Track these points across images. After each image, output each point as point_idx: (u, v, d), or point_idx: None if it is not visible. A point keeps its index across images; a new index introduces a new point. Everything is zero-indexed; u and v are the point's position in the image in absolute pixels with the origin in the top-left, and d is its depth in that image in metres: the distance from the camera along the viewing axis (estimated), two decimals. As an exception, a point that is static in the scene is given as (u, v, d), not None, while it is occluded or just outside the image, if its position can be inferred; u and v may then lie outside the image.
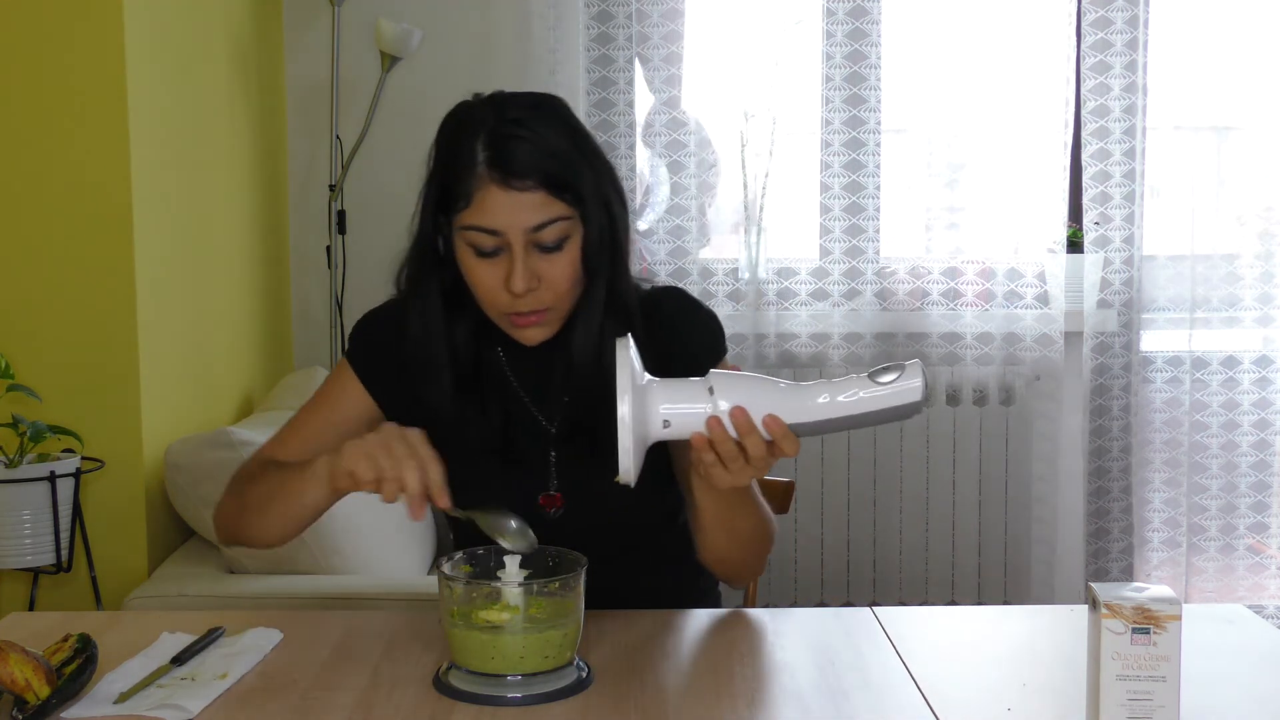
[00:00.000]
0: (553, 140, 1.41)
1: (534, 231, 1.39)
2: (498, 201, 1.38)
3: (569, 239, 1.42)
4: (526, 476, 1.54)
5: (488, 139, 1.39)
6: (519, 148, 1.38)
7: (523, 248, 1.39)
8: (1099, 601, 1.14)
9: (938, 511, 3.20)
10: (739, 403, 1.24)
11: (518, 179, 1.38)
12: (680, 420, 1.25)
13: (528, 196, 1.38)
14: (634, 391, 1.22)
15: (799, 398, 1.26)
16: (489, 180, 1.38)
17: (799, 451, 1.26)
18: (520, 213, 1.38)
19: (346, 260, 3.16)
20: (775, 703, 1.26)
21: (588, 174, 1.43)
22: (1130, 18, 3.09)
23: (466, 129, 1.42)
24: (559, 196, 1.39)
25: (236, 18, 2.83)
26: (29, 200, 2.19)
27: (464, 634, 1.25)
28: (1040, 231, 3.15)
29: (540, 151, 1.39)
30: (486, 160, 1.38)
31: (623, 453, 1.22)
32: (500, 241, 1.40)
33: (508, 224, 1.39)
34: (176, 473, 2.23)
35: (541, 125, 1.41)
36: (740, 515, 1.45)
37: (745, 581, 1.60)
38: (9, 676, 1.17)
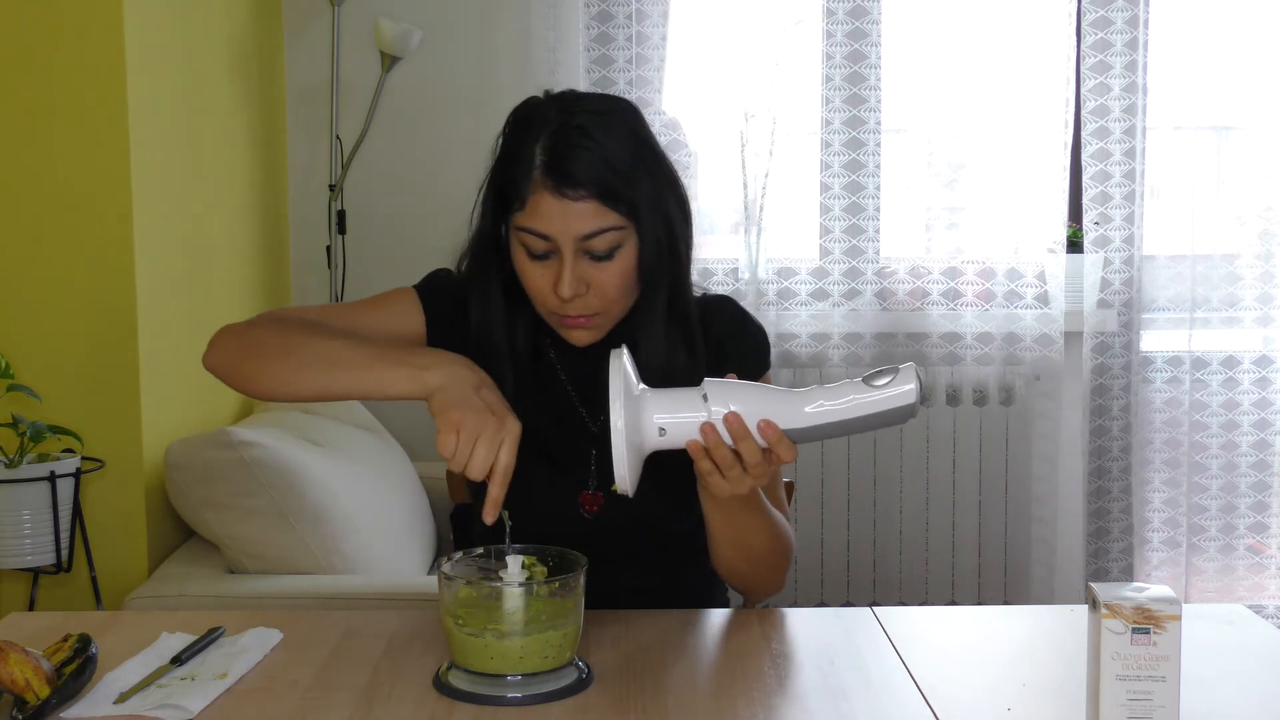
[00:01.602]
0: (612, 149, 1.40)
1: (584, 240, 1.39)
2: (550, 208, 1.38)
3: (621, 248, 1.42)
4: (567, 474, 1.56)
5: (547, 143, 1.39)
6: (576, 156, 1.38)
7: (573, 254, 1.40)
8: (1099, 601, 1.14)
9: (938, 511, 3.20)
10: (733, 409, 1.24)
11: (571, 188, 1.37)
12: (675, 428, 1.25)
13: (580, 205, 1.38)
14: (626, 400, 1.23)
15: (793, 403, 1.26)
16: (543, 186, 1.38)
17: (796, 457, 1.26)
18: (572, 221, 1.38)
19: (346, 260, 3.16)
20: (775, 703, 1.26)
21: (646, 186, 1.42)
22: (1130, 18, 3.09)
23: (529, 130, 1.41)
24: (613, 207, 1.39)
25: (236, 18, 2.83)
26: (29, 200, 2.19)
27: (464, 634, 1.25)
28: (1040, 231, 3.15)
29: (597, 161, 1.38)
30: (543, 165, 1.38)
31: (617, 461, 1.22)
32: (551, 246, 1.40)
33: (559, 230, 1.39)
34: (176, 473, 2.23)
35: (603, 133, 1.40)
36: (748, 529, 1.45)
37: (761, 595, 1.60)
38: (9, 676, 1.17)
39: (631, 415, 1.23)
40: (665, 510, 1.55)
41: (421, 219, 3.19)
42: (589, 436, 1.57)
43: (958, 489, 3.20)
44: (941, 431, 3.19)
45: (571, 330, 1.47)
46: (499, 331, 1.51)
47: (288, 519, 2.21)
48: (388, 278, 3.16)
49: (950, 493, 3.20)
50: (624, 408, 1.22)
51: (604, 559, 1.36)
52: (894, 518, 3.19)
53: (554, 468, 1.55)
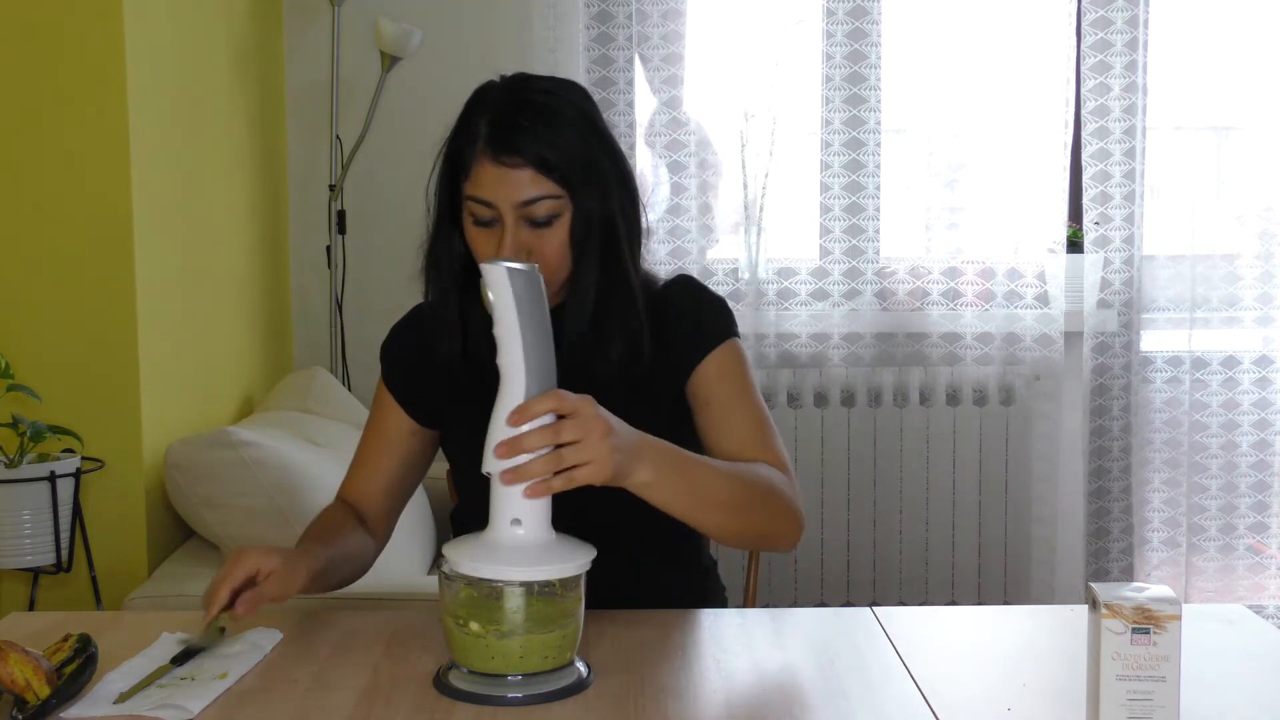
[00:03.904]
0: (552, 121, 1.47)
1: (523, 206, 1.46)
2: (492, 175, 1.46)
3: (560, 217, 1.48)
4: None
5: (491, 116, 1.48)
6: (516, 127, 1.46)
7: (514, 220, 1.47)
8: (1099, 601, 1.14)
9: (938, 511, 3.20)
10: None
11: (509, 155, 1.46)
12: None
13: (518, 173, 1.46)
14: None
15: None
16: (485, 155, 1.47)
17: (570, 405, 1.24)
18: (510, 187, 1.46)
19: (346, 260, 3.16)
20: (775, 703, 1.26)
21: (581, 158, 1.48)
22: (1130, 18, 3.09)
23: (478, 105, 1.51)
24: (548, 175, 1.46)
25: (236, 18, 2.83)
26: (29, 200, 2.19)
27: (464, 634, 1.25)
28: (1040, 231, 3.15)
29: (534, 132, 1.46)
30: (485, 136, 1.47)
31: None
32: (494, 213, 1.47)
33: (500, 197, 1.46)
34: (176, 473, 2.23)
35: (544, 108, 1.48)
36: (697, 491, 1.39)
37: (785, 543, 1.53)
38: (9, 676, 1.17)
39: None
40: (631, 495, 1.49)
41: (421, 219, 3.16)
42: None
43: (958, 489, 3.20)
44: (941, 431, 3.19)
45: None
46: (451, 297, 1.57)
47: (288, 519, 2.21)
48: (388, 278, 3.18)
49: (950, 493, 3.20)
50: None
51: (618, 549, 1.36)
52: (894, 518, 3.19)
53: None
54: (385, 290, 3.19)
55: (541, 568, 1.24)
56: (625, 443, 1.29)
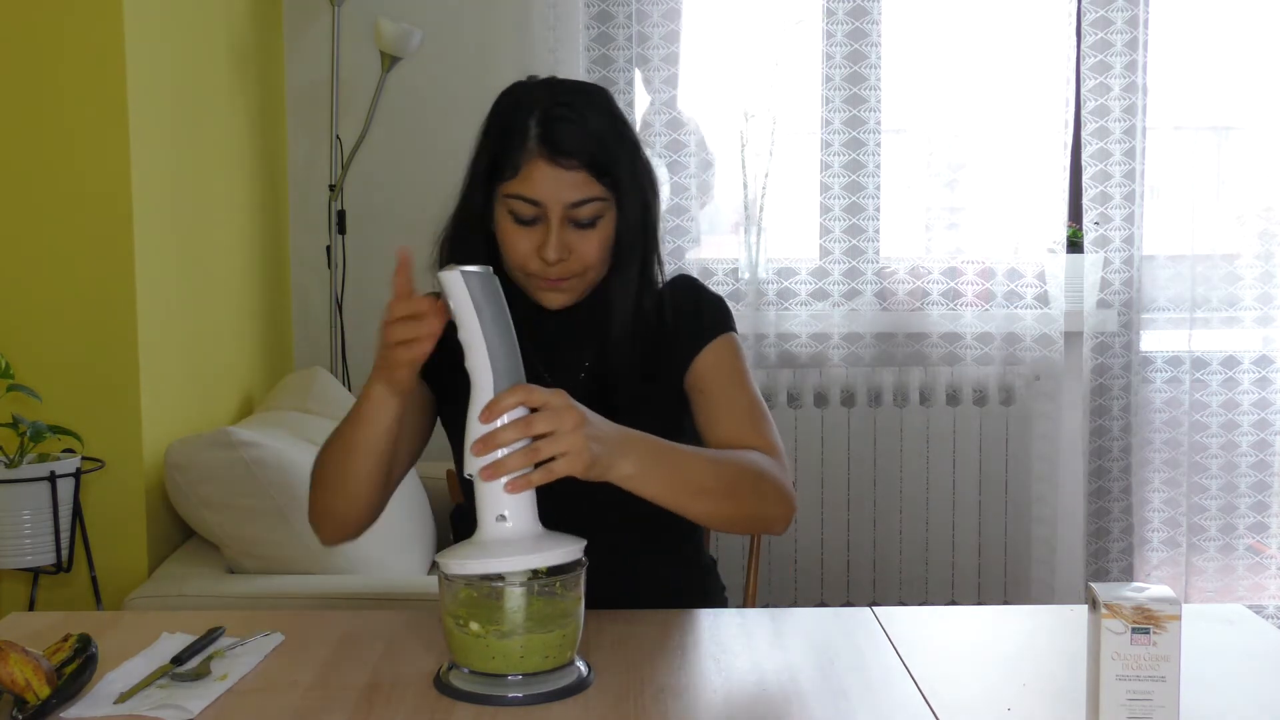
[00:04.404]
0: (598, 126, 1.51)
1: (572, 207, 1.49)
2: (544, 175, 1.48)
3: (602, 218, 1.52)
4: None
5: (541, 116, 1.49)
6: (569, 129, 1.48)
7: (559, 220, 1.49)
8: (1099, 601, 1.14)
9: (938, 511, 3.20)
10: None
11: (565, 157, 1.48)
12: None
13: (571, 175, 1.48)
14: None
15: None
16: (538, 155, 1.48)
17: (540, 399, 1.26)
18: (563, 188, 1.48)
19: (346, 260, 3.16)
20: (775, 703, 1.26)
21: (626, 162, 1.53)
22: (1130, 18, 3.09)
23: (522, 105, 1.52)
24: (599, 179, 1.49)
25: (236, 18, 2.83)
26: (29, 200, 2.19)
27: (464, 634, 1.25)
28: (1040, 231, 3.15)
29: (587, 135, 1.49)
30: (538, 136, 1.48)
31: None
32: (539, 212, 1.49)
33: (550, 197, 1.48)
34: (176, 473, 2.23)
35: (590, 111, 1.52)
36: (680, 479, 1.40)
37: (778, 525, 1.54)
38: (9, 676, 1.17)
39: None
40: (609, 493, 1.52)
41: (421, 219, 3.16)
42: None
43: (958, 489, 3.20)
44: (941, 431, 3.19)
45: (548, 293, 1.55)
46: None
47: (288, 519, 2.21)
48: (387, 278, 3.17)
49: (950, 493, 3.20)
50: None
51: (597, 546, 1.36)
52: (894, 518, 3.19)
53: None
54: (385, 290, 3.18)
55: (530, 557, 1.24)
56: (604, 434, 1.31)
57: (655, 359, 1.60)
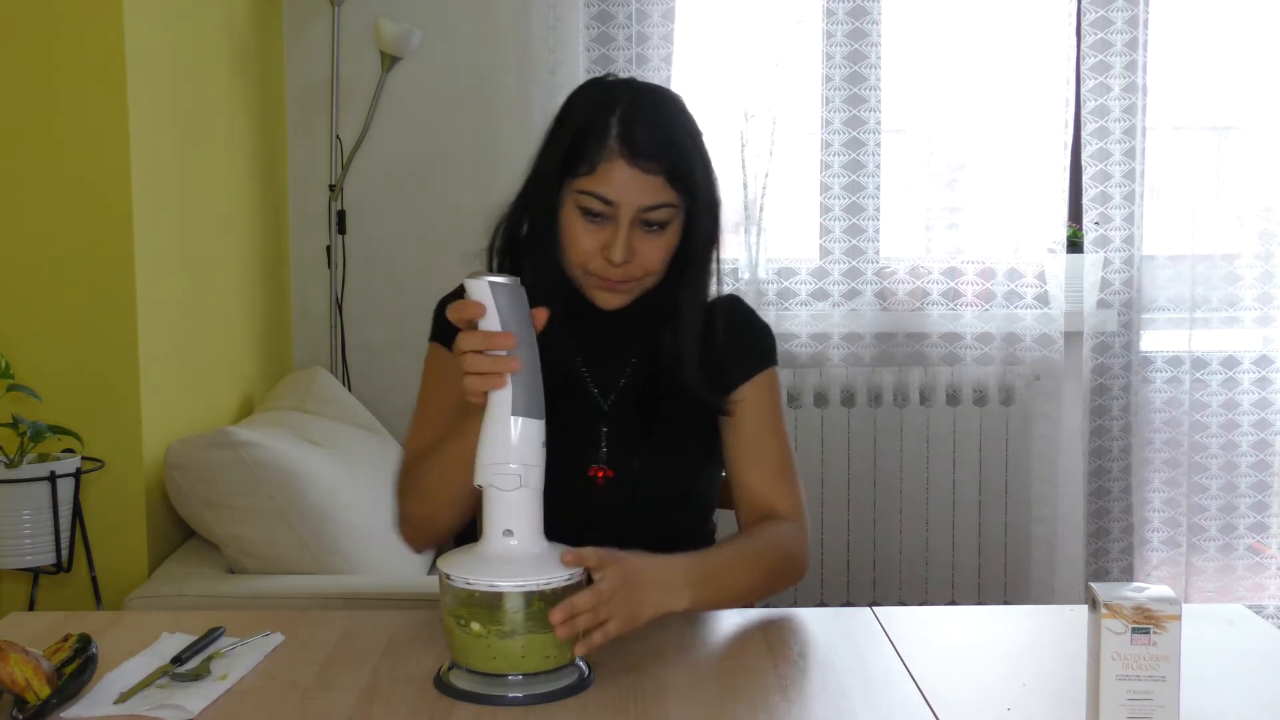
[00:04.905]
0: (678, 133, 1.51)
1: (645, 211, 1.49)
2: (622, 175, 1.47)
3: (670, 225, 1.51)
4: (580, 444, 1.60)
5: (623, 116, 1.49)
6: (650, 132, 1.48)
7: (629, 222, 1.49)
8: (1099, 601, 1.14)
9: (938, 511, 3.20)
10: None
11: (644, 160, 1.47)
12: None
13: (649, 179, 1.47)
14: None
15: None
16: (618, 155, 1.47)
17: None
18: (638, 191, 1.47)
19: (346, 260, 3.16)
20: (775, 703, 1.26)
21: (701, 172, 1.53)
22: (1130, 18, 3.09)
23: (603, 103, 1.52)
24: (674, 185, 1.49)
25: (236, 18, 2.83)
26: (29, 200, 2.19)
27: (465, 634, 1.25)
28: (1040, 231, 3.15)
29: (667, 140, 1.49)
30: (619, 136, 1.47)
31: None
32: (611, 211, 1.49)
33: (624, 198, 1.48)
34: (176, 473, 2.23)
35: (671, 117, 1.53)
36: (725, 596, 1.48)
37: (797, 580, 1.62)
38: (9, 676, 1.17)
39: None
40: (667, 500, 1.63)
41: (421, 219, 3.19)
42: (598, 410, 1.62)
43: (958, 489, 3.20)
44: (941, 431, 3.19)
45: (604, 293, 1.54)
46: (551, 295, 1.53)
47: (288, 519, 2.21)
48: (388, 278, 3.18)
49: (950, 493, 3.20)
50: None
51: (591, 543, 1.37)
52: (894, 518, 3.19)
53: (567, 434, 1.57)
54: (385, 290, 3.20)
55: (532, 579, 1.24)
56: (651, 580, 1.36)
57: (701, 377, 1.60)
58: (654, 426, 1.60)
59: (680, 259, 1.55)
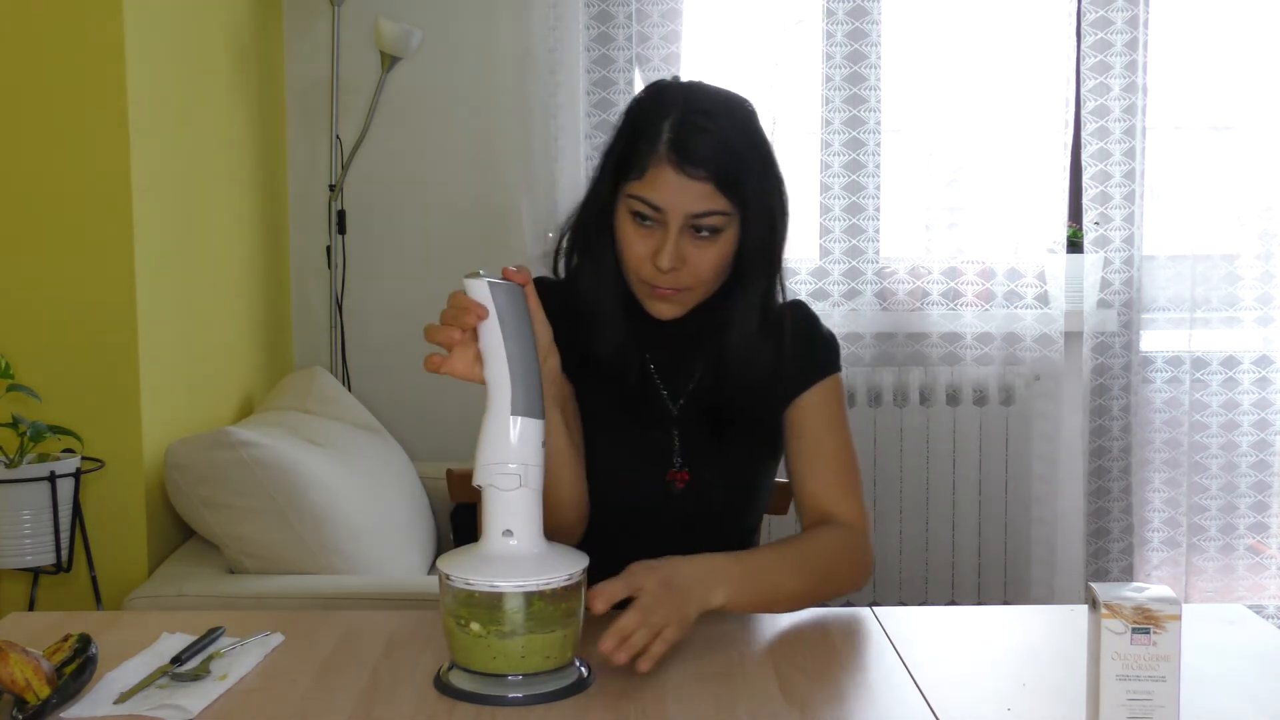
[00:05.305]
0: (733, 140, 1.48)
1: (693, 218, 1.47)
2: (669, 182, 1.45)
3: (722, 233, 1.49)
4: (656, 449, 1.60)
5: (676, 121, 1.47)
6: (700, 138, 1.46)
7: (678, 229, 1.47)
8: (1099, 601, 1.14)
9: (938, 511, 3.20)
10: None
11: (693, 166, 1.45)
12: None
13: (697, 185, 1.45)
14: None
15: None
16: (666, 161, 1.45)
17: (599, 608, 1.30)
18: (686, 198, 1.46)
19: (346, 260, 3.16)
20: (775, 703, 1.26)
21: (756, 180, 1.49)
22: (1130, 18, 3.09)
23: (658, 107, 1.50)
24: (725, 193, 1.46)
25: (236, 18, 2.83)
26: (29, 200, 2.19)
27: (465, 634, 1.25)
28: (1040, 231, 3.14)
29: (718, 146, 1.46)
30: (669, 142, 1.46)
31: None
32: (660, 217, 1.47)
33: (672, 204, 1.46)
34: (176, 473, 2.23)
35: (726, 123, 1.49)
36: (773, 600, 1.49)
37: (859, 585, 1.62)
38: (9, 676, 1.17)
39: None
40: (738, 503, 1.64)
41: (421, 219, 3.19)
42: (668, 416, 1.62)
43: (958, 489, 3.20)
44: (941, 431, 3.19)
45: (656, 302, 1.53)
46: (609, 291, 1.55)
47: (288, 519, 2.21)
48: (388, 278, 3.18)
49: (950, 493, 3.20)
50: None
51: (676, 551, 1.40)
52: (894, 518, 3.19)
53: (639, 440, 1.60)
54: (385, 290, 3.20)
55: (532, 579, 1.24)
56: (691, 578, 1.37)
57: (767, 382, 1.60)
58: (724, 436, 1.60)
59: (735, 267, 1.53)
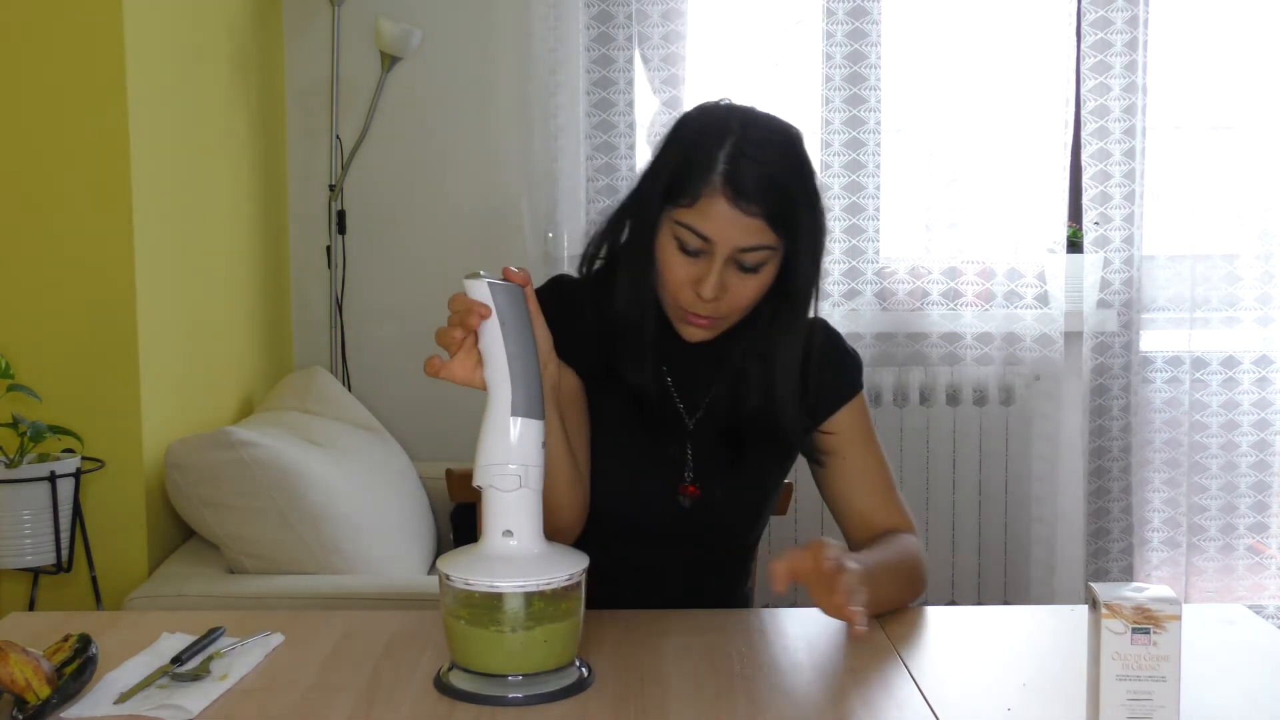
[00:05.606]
0: (786, 175, 1.46)
1: (741, 251, 1.44)
2: (721, 214, 1.43)
3: (766, 265, 1.47)
4: (666, 462, 1.60)
5: (731, 152, 1.43)
6: (756, 172, 1.43)
7: (724, 260, 1.45)
8: (1099, 601, 1.14)
9: (938, 511, 3.20)
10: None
11: (746, 201, 1.42)
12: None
13: (749, 220, 1.43)
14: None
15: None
16: (719, 192, 1.42)
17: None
18: (737, 232, 1.43)
19: (346, 260, 3.16)
20: (775, 703, 1.26)
21: (806, 215, 1.49)
22: (1130, 18, 3.09)
23: (712, 133, 1.46)
24: (775, 228, 1.44)
25: (236, 18, 2.83)
26: (29, 200, 2.19)
27: (464, 633, 1.25)
28: (1040, 231, 3.15)
29: (773, 182, 1.44)
30: (724, 173, 1.42)
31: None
32: (706, 247, 1.45)
33: (721, 237, 1.43)
34: (176, 473, 2.23)
35: (779, 156, 1.47)
36: (885, 602, 1.50)
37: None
38: (9, 676, 1.17)
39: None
40: (746, 519, 1.66)
41: (421, 219, 3.19)
42: (685, 432, 1.62)
43: (958, 489, 3.20)
44: (941, 431, 3.19)
45: (690, 328, 1.52)
46: (649, 319, 1.54)
47: (288, 519, 2.21)
48: (388, 278, 3.18)
49: (950, 493, 3.20)
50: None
51: (678, 560, 1.39)
52: (894, 518, 3.19)
53: (653, 452, 1.60)
54: (385, 290, 3.20)
55: (532, 579, 1.24)
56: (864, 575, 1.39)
57: (795, 404, 1.59)
58: (740, 451, 1.60)
59: (776, 301, 1.52)
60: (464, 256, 3.08)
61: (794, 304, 1.53)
